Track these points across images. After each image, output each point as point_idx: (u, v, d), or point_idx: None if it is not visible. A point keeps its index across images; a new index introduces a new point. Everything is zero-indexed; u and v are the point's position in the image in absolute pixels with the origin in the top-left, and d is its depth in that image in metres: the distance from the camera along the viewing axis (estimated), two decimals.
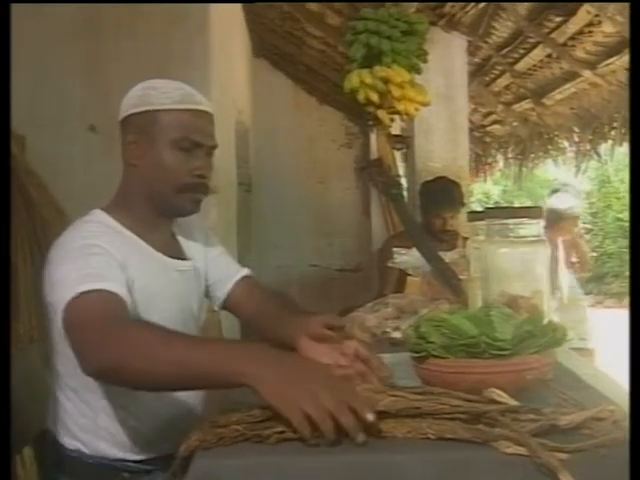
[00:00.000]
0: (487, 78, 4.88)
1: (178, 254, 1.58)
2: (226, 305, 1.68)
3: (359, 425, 0.96)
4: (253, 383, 1.02)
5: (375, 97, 2.18)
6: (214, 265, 1.66)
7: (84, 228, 1.43)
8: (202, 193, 1.51)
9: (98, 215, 1.50)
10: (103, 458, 1.45)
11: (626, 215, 11.09)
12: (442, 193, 3.33)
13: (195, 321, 1.60)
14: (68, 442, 1.46)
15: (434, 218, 3.28)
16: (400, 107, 2.23)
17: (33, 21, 3.21)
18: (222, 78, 3.66)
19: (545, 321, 1.28)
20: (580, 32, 3.57)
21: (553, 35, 3.72)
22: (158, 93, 1.46)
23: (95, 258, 1.32)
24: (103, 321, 1.20)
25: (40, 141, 3.12)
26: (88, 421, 1.45)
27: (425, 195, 3.42)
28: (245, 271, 1.70)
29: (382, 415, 1.02)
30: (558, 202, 4.47)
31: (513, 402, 1.06)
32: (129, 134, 1.48)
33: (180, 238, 1.61)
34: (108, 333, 1.17)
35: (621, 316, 5.89)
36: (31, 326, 2.53)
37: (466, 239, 2.02)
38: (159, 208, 1.50)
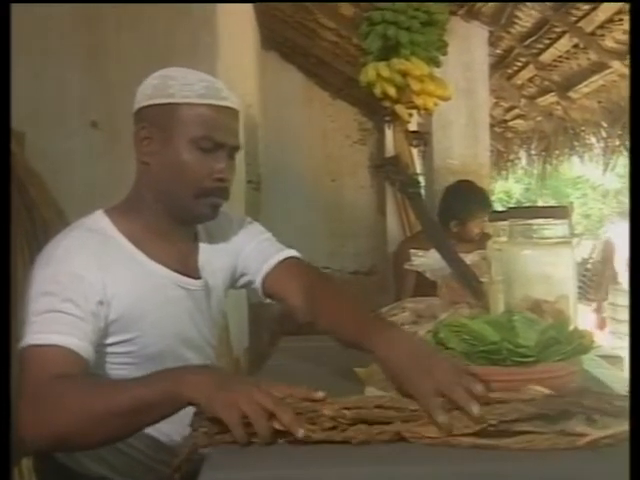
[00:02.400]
0: (509, 70, 4.87)
1: (188, 268, 1.47)
2: (266, 292, 1.58)
3: (298, 421, 1.03)
4: (192, 396, 1.08)
5: (393, 91, 2.19)
6: (254, 255, 1.59)
7: (69, 237, 1.37)
8: (222, 198, 1.44)
9: (96, 218, 1.43)
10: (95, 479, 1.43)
11: None
12: (473, 204, 3.27)
13: (203, 344, 1.51)
14: (61, 457, 1.45)
15: (463, 227, 3.26)
16: (419, 102, 2.24)
17: (31, 12, 3.23)
18: (230, 71, 3.67)
19: (571, 327, 1.28)
20: (610, 20, 3.55)
21: (580, 24, 3.71)
22: (179, 84, 1.37)
23: (62, 295, 1.26)
24: (37, 387, 1.17)
25: (40, 138, 3.14)
26: None
27: (452, 207, 3.33)
28: (286, 253, 1.60)
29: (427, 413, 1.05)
30: None
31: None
32: (142, 128, 1.39)
33: (203, 245, 1.53)
34: (38, 403, 1.16)
35: None
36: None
37: (485, 236, 2.01)
38: (173, 213, 1.42)
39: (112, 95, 3.26)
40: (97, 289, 1.30)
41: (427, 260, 2.07)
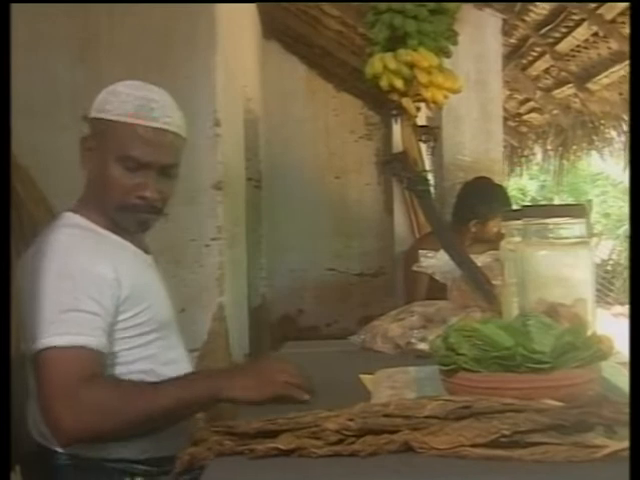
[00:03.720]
0: (524, 61, 4.87)
1: (147, 249, 1.70)
2: None
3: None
4: (230, 397, 1.38)
5: (400, 84, 2.19)
6: None
7: (61, 234, 1.51)
8: (148, 214, 1.57)
9: (69, 217, 1.58)
10: (105, 460, 1.48)
11: None
12: (492, 202, 3.28)
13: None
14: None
15: (480, 226, 3.27)
16: (427, 94, 2.24)
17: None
18: (229, 62, 3.68)
19: (589, 332, 1.29)
20: None
21: (600, 11, 3.69)
22: (116, 101, 1.53)
23: (75, 293, 1.40)
24: (71, 388, 1.33)
25: (28, 132, 3.14)
26: None
27: (472, 207, 3.35)
28: None
29: (437, 421, 1.05)
30: None
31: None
32: (87, 138, 1.58)
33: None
34: (77, 404, 1.33)
35: None
36: (17, 336, 2.55)
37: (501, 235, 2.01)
38: (108, 220, 1.58)
39: (105, 86, 3.26)
40: (109, 274, 1.45)
41: (437, 262, 2.07)
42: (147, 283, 1.58)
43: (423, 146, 3.88)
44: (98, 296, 1.42)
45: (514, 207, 3.56)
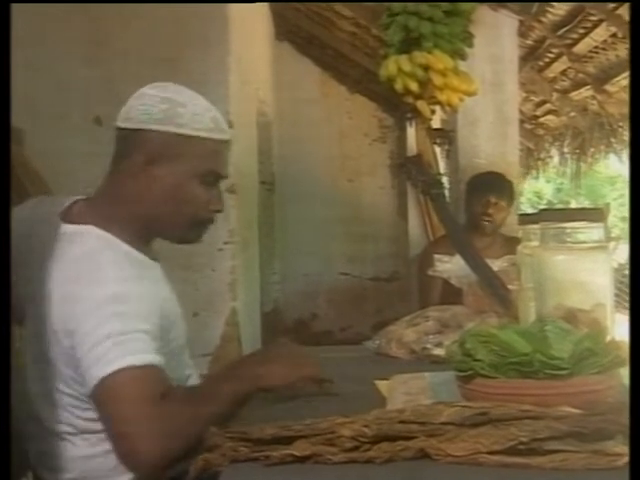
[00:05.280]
0: (541, 62, 4.86)
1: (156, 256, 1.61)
2: None
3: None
4: (273, 385, 1.42)
5: (414, 86, 2.19)
6: None
7: (104, 255, 1.41)
8: (211, 224, 1.55)
9: (97, 233, 1.45)
10: None
11: None
12: (491, 181, 3.46)
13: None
14: None
15: (477, 201, 3.34)
16: (442, 97, 2.24)
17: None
18: (242, 65, 3.69)
19: (608, 338, 1.28)
20: None
21: (619, 11, 3.68)
22: (189, 114, 1.43)
23: (134, 315, 1.35)
24: (148, 410, 1.28)
25: (40, 135, 3.16)
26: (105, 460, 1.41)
27: (472, 184, 3.50)
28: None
29: (453, 427, 1.04)
30: None
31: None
32: (141, 153, 1.45)
33: None
34: (155, 427, 1.27)
35: None
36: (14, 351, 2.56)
37: (514, 240, 2.01)
38: (157, 235, 1.54)
39: (117, 89, 3.28)
40: (152, 302, 1.41)
41: (452, 266, 2.07)
42: (172, 306, 1.53)
43: (438, 149, 3.89)
44: (152, 318, 1.39)
45: (530, 210, 3.58)
